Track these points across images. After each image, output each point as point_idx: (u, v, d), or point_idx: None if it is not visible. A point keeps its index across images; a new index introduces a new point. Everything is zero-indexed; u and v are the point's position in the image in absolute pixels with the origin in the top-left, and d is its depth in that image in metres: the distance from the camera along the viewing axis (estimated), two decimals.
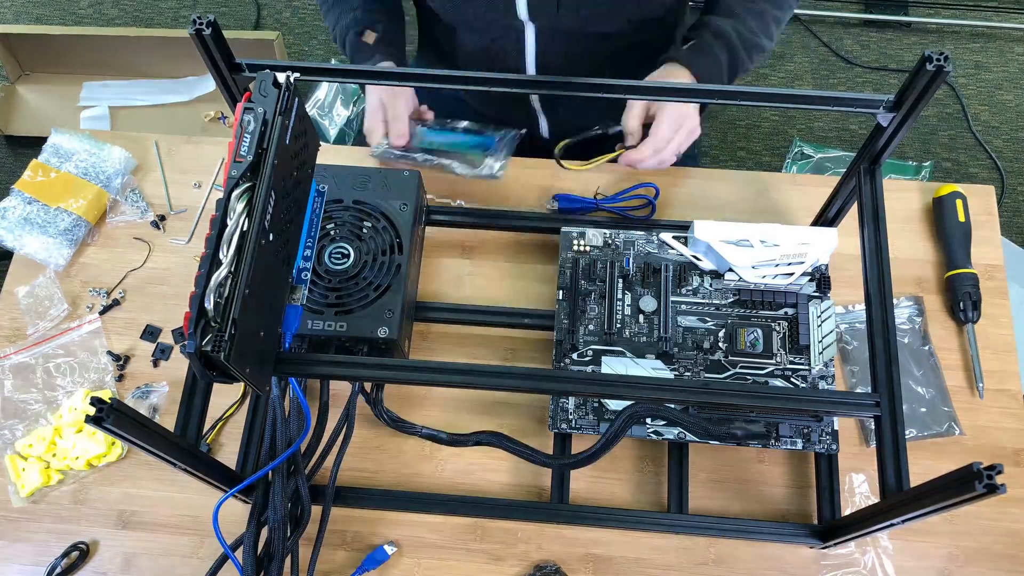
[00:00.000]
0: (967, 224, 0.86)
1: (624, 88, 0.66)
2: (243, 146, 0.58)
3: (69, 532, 0.76)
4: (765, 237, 0.75)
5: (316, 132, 0.70)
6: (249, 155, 0.58)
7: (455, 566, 0.75)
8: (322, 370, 0.64)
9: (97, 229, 0.91)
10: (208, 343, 0.52)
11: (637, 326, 0.77)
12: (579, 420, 0.75)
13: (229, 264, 0.54)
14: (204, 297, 0.53)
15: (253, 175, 0.58)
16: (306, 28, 1.94)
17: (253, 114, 0.59)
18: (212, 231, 0.55)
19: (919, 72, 0.59)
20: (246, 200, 0.57)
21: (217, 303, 0.53)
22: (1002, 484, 0.47)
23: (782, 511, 0.76)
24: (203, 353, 0.53)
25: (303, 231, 0.69)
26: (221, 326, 0.53)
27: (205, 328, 0.53)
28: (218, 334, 0.52)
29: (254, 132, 0.59)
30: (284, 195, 0.62)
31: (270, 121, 0.59)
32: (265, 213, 0.57)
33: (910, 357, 0.81)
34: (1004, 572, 0.73)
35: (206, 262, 0.54)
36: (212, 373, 0.55)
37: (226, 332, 0.53)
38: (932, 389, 0.80)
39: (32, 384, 0.83)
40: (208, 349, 0.52)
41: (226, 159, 0.58)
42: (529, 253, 0.88)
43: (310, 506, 0.71)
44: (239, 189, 0.57)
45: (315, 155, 0.71)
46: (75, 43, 1.74)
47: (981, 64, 1.85)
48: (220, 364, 0.53)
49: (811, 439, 0.74)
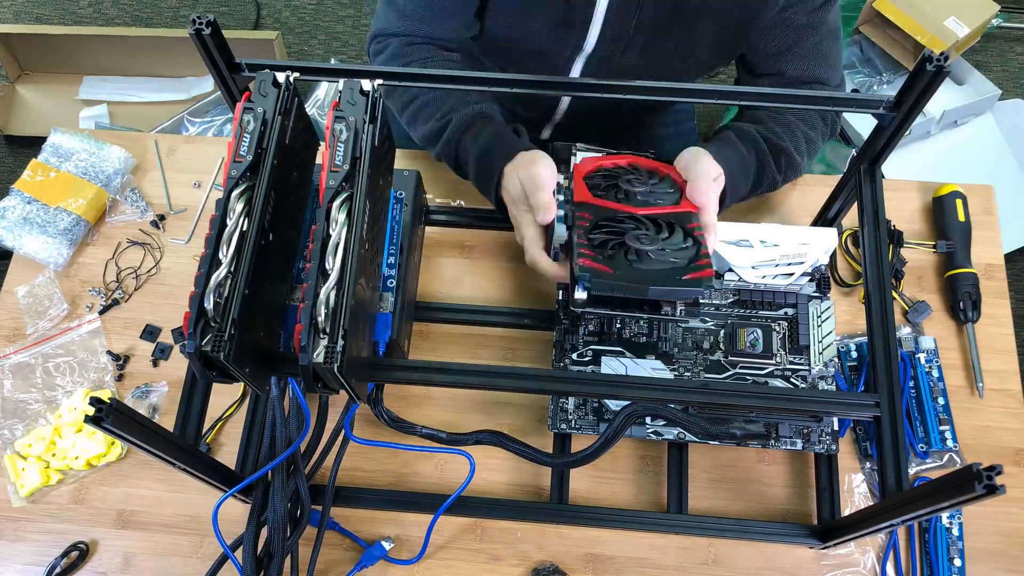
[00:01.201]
0: (967, 224, 0.86)
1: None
2: (243, 146, 0.58)
3: (68, 532, 0.76)
4: (765, 237, 0.75)
5: (316, 132, 0.70)
6: (249, 155, 0.58)
7: (455, 566, 0.75)
8: None
9: (97, 229, 0.91)
10: (208, 343, 0.52)
11: (637, 326, 0.77)
12: (579, 420, 0.75)
13: (229, 264, 0.54)
14: (204, 297, 0.53)
15: (253, 175, 0.58)
16: (306, 28, 1.94)
17: (253, 114, 0.59)
18: (212, 231, 0.55)
19: (919, 72, 0.59)
20: (246, 200, 0.57)
21: (217, 303, 0.53)
22: (1002, 485, 0.47)
23: (782, 511, 0.76)
24: (203, 353, 0.53)
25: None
26: (221, 326, 0.53)
27: (205, 328, 0.53)
28: (218, 334, 0.52)
29: (254, 132, 0.59)
30: (284, 195, 0.62)
31: (270, 121, 0.59)
32: (265, 213, 0.57)
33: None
34: (1004, 572, 0.73)
35: (206, 262, 0.54)
36: (212, 373, 0.55)
37: (226, 332, 0.53)
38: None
39: (32, 384, 0.83)
40: (208, 349, 0.52)
41: (225, 159, 0.58)
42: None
43: (310, 506, 0.71)
44: (239, 189, 0.57)
45: (315, 155, 0.71)
46: (75, 43, 1.74)
47: (981, 63, 1.85)
48: (220, 364, 0.53)
49: (811, 439, 0.74)
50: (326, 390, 0.58)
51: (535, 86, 0.65)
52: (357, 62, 1.89)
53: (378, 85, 0.61)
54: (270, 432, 0.69)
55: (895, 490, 0.60)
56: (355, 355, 0.57)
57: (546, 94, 0.67)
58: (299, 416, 0.68)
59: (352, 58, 1.90)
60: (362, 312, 0.59)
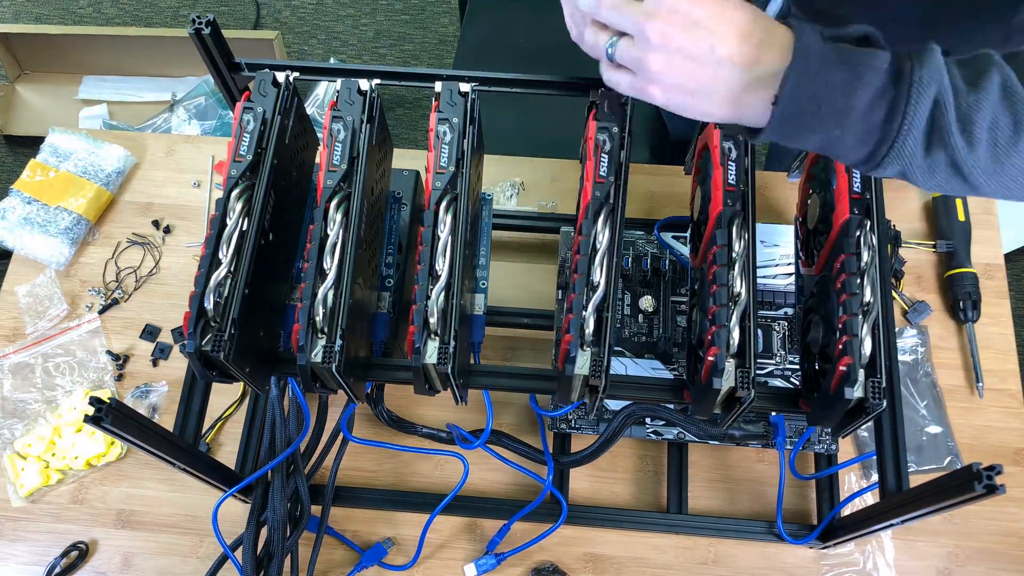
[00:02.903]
0: (967, 223, 0.85)
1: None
2: (242, 146, 0.58)
3: (68, 532, 0.76)
4: (765, 237, 0.75)
5: (315, 132, 0.70)
6: (248, 155, 0.58)
7: (455, 566, 0.75)
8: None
9: (97, 228, 0.91)
10: (208, 343, 0.52)
11: (636, 326, 0.77)
12: (578, 420, 0.75)
13: (228, 264, 0.54)
14: (204, 297, 0.53)
15: (252, 174, 0.58)
16: (305, 27, 1.94)
17: (252, 113, 0.59)
18: (211, 231, 0.55)
19: None
20: (245, 200, 0.57)
21: (217, 303, 0.53)
22: (1001, 484, 0.47)
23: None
24: (203, 353, 0.53)
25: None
26: (221, 326, 0.53)
27: (205, 328, 0.53)
28: (218, 334, 0.52)
29: (253, 131, 0.59)
30: (284, 195, 0.62)
31: (269, 121, 0.59)
32: (264, 213, 0.57)
33: (913, 388, 0.81)
34: (1004, 571, 0.73)
35: (205, 262, 0.54)
36: (211, 373, 0.55)
37: (226, 332, 0.53)
38: (937, 423, 0.79)
39: (31, 384, 0.83)
40: (208, 349, 0.52)
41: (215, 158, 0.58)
42: (529, 253, 0.88)
43: (310, 506, 0.71)
44: (238, 189, 0.57)
45: (314, 154, 0.71)
46: (74, 42, 1.74)
47: None
48: (220, 364, 0.53)
49: (811, 439, 0.74)
50: (324, 390, 0.58)
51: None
52: (356, 62, 1.89)
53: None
54: (270, 432, 0.69)
55: (895, 490, 0.60)
56: (353, 355, 0.56)
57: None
58: (299, 416, 0.68)
59: (352, 58, 1.90)
60: (360, 312, 0.59)
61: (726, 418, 0.57)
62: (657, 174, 0.92)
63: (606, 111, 0.59)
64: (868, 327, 0.53)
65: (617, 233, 0.56)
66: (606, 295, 0.54)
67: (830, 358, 0.54)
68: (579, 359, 0.53)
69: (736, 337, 0.53)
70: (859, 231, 0.56)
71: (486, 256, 0.70)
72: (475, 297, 0.68)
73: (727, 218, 0.57)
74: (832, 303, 0.55)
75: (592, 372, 0.52)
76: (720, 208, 0.57)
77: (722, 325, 0.53)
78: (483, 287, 0.68)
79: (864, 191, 0.57)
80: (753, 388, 0.52)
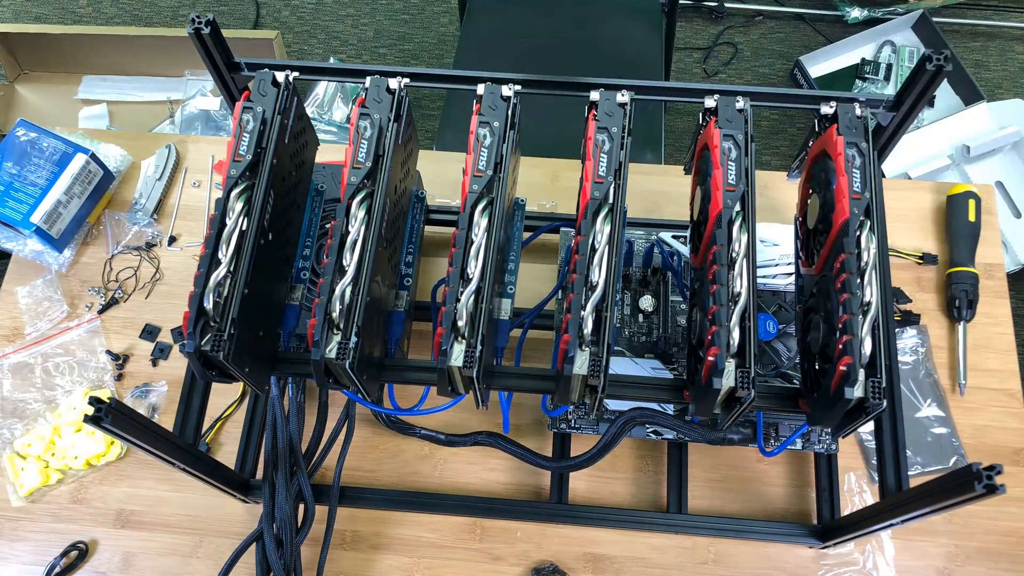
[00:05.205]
0: (976, 224, 0.85)
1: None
2: (242, 145, 0.58)
3: (68, 531, 0.76)
4: (765, 237, 0.75)
5: (315, 131, 0.70)
6: (248, 154, 0.58)
7: (455, 565, 0.75)
8: None
9: (97, 228, 0.90)
10: (207, 343, 0.52)
11: (636, 326, 0.77)
12: (578, 420, 0.75)
13: (228, 264, 0.54)
14: (203, 296, 0.53)
15: (252, 174, 0.58)
16: (305, 27, 1.94)
17: (252, 113, 0.59)
18: (211, 231, 0.55)
19: (919, 71, 0.59)
20: (245, 200, 0.57)
21: (216, 303, 0.53)
22: (1001, 484, 0.47)
23: (782, 511, 0.76)
24: (202, 352, 0.53)
25: (302, 231, 0.69)
26: (220, 325, 0.53)
27: (204, 327, 0.53)
28: (217, 333, 0.52)
29: (253, 131, 0.59)
30: (283, 194, 0.62)
31: (269, 120, 0.59)
32: (264, 212, 0.57)
33: (915, 387, 0.81)
34: (1004, 571, 0.73)
35: (205, 262, 0.54)
36: (211, 372, 0.55)
37: (225, 332, 0.53)
38: (942, 424, 0.79)
39: (31, 383, 0.83)
40: (207, 349, 0.52)
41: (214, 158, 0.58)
42: (529, 253, 0.88)
43: (314, 506, 0.71)
44: (238, 188, 0.57)
45: (314, 154, 0.71)
46: (74, 42, 1.74)
47: (981, 63, 1.85)
48: (219, 363, 0.53)
49: (810, 439, 0.74)
50: (337, 386, 0.58)
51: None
52: (356, 62, 1.89)
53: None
54: (270, 431, 0.69)
55: (895, 490, 0.60)
56: (368, 352, 0.56)
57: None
58: (299, 415, 0.68)
59: (352, 58, 1.90)
60: (377, 310, 0.59)
61: (726, 418, 0.56)
62: (657, 174, 0.92)
63: (606, 111, 0.59)
64: (868, 327, 0.53)
65: (617, 233, 0.56)
66: (605, 294, 0.54)
67: (830, 358, 0.54)
68: (578, 359, 0.53)
69: (736, 337, 0.53)
70: (859, 231, 0.56)
71: (515, 261, 0.70)
72: (502, 302, 0.68)
73: (727, 218, 0.57)
74: (832, 303, 0.55)
75: (591, 372, 0.52)
76: (720, 208, 0.57)
77: (722, 325, 0.53)
78: (511, 292, 0.68)
79: (864, 191, 0.57)
80: (753, 388, 0.52)
